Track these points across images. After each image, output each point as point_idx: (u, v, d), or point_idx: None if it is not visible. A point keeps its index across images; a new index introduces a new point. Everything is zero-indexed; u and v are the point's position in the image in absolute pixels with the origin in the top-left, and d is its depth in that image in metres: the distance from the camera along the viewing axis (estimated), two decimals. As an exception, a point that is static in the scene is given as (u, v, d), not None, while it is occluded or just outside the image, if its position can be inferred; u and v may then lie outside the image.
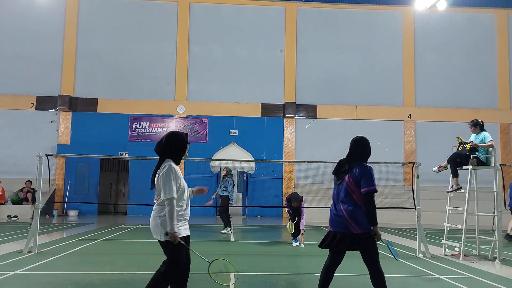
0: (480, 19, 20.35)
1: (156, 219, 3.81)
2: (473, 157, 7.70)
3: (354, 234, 4.01)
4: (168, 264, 3.88)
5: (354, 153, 4.24)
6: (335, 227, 4.13)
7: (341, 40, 19.85)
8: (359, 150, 4.25)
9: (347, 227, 4.03)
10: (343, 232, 4.05)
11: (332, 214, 4.18)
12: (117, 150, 17.86)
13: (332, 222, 4.18)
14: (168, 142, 3.90)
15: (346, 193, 4.09)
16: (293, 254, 8.33)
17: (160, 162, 3.86)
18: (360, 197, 4.05)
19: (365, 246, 4.03)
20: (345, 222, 4.04)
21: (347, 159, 4.24)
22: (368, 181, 4.03)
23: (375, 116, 19.38)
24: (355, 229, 4.01)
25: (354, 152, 4.24)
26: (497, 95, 19.95)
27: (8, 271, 5.85)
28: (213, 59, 19.47)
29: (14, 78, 18.63)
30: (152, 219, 3.85)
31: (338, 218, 4.09)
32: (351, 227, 4.02)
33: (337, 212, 4.13)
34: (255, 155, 18.70)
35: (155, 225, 3.82)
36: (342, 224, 4.05)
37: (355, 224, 4.01)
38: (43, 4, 19.09)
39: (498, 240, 7.58)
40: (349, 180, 4.10)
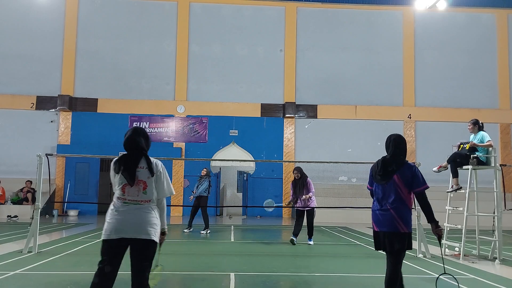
0: (480, 19, 20.34)
1: (151, 218, 3.55)
2: (473, 157, 7.70)
3: (401, 233, 4.01)
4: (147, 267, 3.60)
5: (396, 152, 4.19)
6: (382, 226, 4.10)
7: (341, 40, 19.85)
8: (401, 148, 4.22)
9: (396, 226, 4.02)
10: (390, 232, 4.04)
11: (378, 214, 4.14)
12: (117, 150, 17.72)
13: (378, 222, 4.14)
14: (147, 138, 3.75)
15: (395, 192, 4.06)
16: (293, 254, 8.33)
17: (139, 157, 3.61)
18: (407, 196, 4.07)
19: (405, 246, 4.03)
20: (393, 221, 4.03)
21: (392, 159, 4.18)
22: (421, 180, 4.08)
23: (375, 116, 19.38)
24: (403, 228, 4.01)
25: (397, 150, 4.20)
26: (497, 95, 19.95)
27: (8, 271, 5.85)
28: (213, 59, 19.47)
29: (14, 78, 18.63)
30: (142, 216, 3.52)
31: (386, 218, 4.07)
32: (399, 226, 4.01)
33: (384, 211, 4.09)
34: (255, 155, 18.70)
35: (149, 223, 3.53)
36: (391, 223, 4.04)
37: (402, 223, 4.02)
38: (43, 4, 19.09)
39: (498, 240, 7.57)
40: (398, 180, 4.07)
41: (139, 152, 3.63)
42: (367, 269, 6.79)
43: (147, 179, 3.57)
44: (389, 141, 4.25)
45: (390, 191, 4.07)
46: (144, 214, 3.53)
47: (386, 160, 4.19)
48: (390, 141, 4.24)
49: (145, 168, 3.58)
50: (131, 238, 3.48)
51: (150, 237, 3.53)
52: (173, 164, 18.52)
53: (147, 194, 3.57)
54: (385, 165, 4.16)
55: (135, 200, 3.54)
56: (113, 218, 3.55)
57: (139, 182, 3.56)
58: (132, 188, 3.54)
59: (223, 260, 7.37)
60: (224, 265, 6.87)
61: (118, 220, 3.52)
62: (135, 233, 3.49)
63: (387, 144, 4.26)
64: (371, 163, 4.54)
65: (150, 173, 3.57)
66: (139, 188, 3.54)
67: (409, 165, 4.13)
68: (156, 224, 3.58)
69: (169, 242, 10.19)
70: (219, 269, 6.46)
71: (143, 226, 3.51)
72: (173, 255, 7.99)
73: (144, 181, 3.56)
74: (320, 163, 15.52)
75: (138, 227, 3.50)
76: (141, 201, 3.55)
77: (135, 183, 3.54)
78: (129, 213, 3.52)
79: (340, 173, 18.53)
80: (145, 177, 3.57)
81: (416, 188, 4.04)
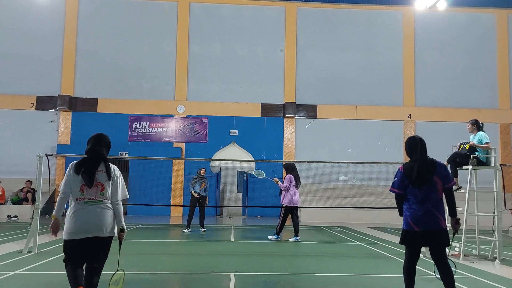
0: (480, 19, 20.34)
1: (109, 217, 4.00)
2: (473, 157, 7.70)
3: (443, 230, 4.25)
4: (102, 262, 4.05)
5: (425, 153, 4.41)
6: (424, 226, 4.24)
7: (341, 40, 19.85)
8: (426, 148, 4.45)
9: (438, 223, 4.24)
10: (433, 230, 4.23)
11: (419, 215, 4.25)
12: (117, 150, 17.85)
13: (420, 222, 4.25)
14: (109, 145, 4.23)
15: (436, 192, 4.27)
16: (293, 254, 8.33)
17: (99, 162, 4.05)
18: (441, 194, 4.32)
19: (447, 240, 4.27)
20: (436, 220, 4.23)
21: (426, 161, 4.35)
22: (450, 176, 4.40)
23: (375, 116, 19.38)
24: (444, 224, 4.28)
25: (425, 151, 4.42)
26: (497, 95, 19.95)
27: (8, 271, 5.85)
28: (213, 59, 19.47)
29: (14, 78, 18.63)
30: (103, 216, 3.95)
31: (429, 217, 4.23)
32: (441, 223, 4.25)
33: (426, 211, 4.24)
34: (255, 155, 18.70)
35: (109, 221, 3.99)
36: (434, 222, 4.23)
37: (444, 220, 4.28)
38: (43, 4, 19.09)
39: (498, 240, 7.57)
40: (437, 180, 4.28)
41: (100, 158, 4.06)
42: (367, 269, 6.79)
43: (104, 182, 4.00)
44: (415, 143, 4.41)
45: (431, 191, 4.26)
46: (104, 212, 3.97)
47: (422, 164, 4.32)
48: (417, 143, 4.41)
49: (103, 172, 4.01)
50: (94, 236, 3.91)
51: (110, 234, 4.02)
52: (173, 164, 18.52)
53: (104, 195, 3.99)
54: (423, 168, 4.30)
55: (94, 198, 3.94)
56: (76, 219, 3.91)
57: (97, 184, 3.96)
58: (91, 189, 3.93)
59: (223, 260, 7.37)
60: (224, 265, 6.87)
61: (82, 221, 3.90)
62: (99, 231, 3.93)
63: (413, 146, 4.41)
64: (371, 163, 4.65)
65: (108, 177, 4.01)
66: (97, 190, 3.95)
67: (439, 163, 4.36)
68: (113, 222, 4.06)
69: (169, 242, 10.20)
70: (219, 269, 6.46)
71: (105, 224, 3.96)
72: (173, 255, 7.99)
73: (102, 183, 3.97)
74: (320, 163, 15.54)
75: (101, 226, 3.93)
76: (100, 200, 3.96)
77: (94, 184, 3.94)
78: (91, 213, 3.92)
79: (340, 173, 18.54)
80: (103, 180, 3.99)
81: (447, 184, 4.30)
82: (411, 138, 4.48)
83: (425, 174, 4.28)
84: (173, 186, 18.48)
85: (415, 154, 4.39)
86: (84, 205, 3.92)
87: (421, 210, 4.25)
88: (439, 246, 4.27)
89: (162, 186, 18.21)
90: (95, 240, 3.93)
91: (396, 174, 4.48)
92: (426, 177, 4.27)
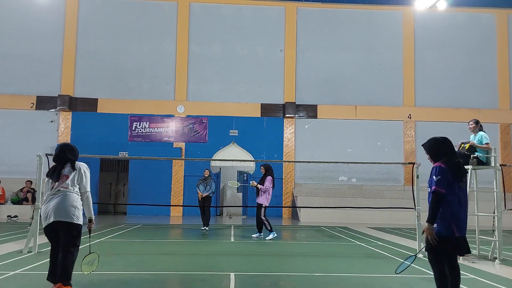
0: (480, 19, 20.35)
1: (73, 202, 4.50)
2: (473, 157, 7.70)
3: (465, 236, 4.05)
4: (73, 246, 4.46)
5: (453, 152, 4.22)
6: (464, 231, 4.00)
7: (341, 40, 19.85)
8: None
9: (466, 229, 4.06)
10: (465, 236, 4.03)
11: (463, 218, 4.01)
12: (117, 150, 17.87)
13: (462, 227, 4.00)
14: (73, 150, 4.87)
15: (466, 194, 4.13)
16: (293, 254, 8.33)
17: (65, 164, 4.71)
18: None
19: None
20: (466, 224, 4.05)
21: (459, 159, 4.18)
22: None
23: (375, 116, 19.38)
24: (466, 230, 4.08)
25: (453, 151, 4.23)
26: (497, 95, 19.95)
27: (8, 271, 5.85)
28: (213, 59, 19.47)
29: (14, 78, 18.63)
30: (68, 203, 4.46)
31: (466, 221, 4.03)
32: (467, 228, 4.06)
33: (465, 215, 4.03)
34: (255, 155, 18.70)
35: (73, 208, 4.47)
36: (466, 226, 4.05)
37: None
38: (43, 4, 19.09)
39: (498, 240, 7.57)
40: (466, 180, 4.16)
41: (66, 161, 4.72)
42: (367, 269, 6.79)
43: (69, 173, 4.64)
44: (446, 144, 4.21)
45: (465, 192, 4.11)
46: (67, 198, 4.49)
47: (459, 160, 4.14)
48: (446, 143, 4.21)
49: (69, 167, 4.69)
50: (59, 221, 4.38)
51: (73, 220, 4.43)
52: (173, 164, 18.53)
53: (67, 182, 4.57)
54: (460, 166, 4.11)
55: (59, 187, 4.53)
56: (44, 206, 4.51)
57: (63, 176, 4.60)
58: (57, 182, 4.57)
59: (223, 260, 7.37)
60: (224, 265, 6.87)
61: (47, 207, 4.45)
62: (61, 216, 4.40)
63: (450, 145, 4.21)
64: (371, 163, 4.55)
65: (72, 169, 4.66)
66: (62, 180, 4.57)
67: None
68: (78, 208, 4.52)
69: (169, 242, 10.20)
70: (219, 269, 6.46)
71: (67, 209, 4.44)
72: (173, 255, 7.99)
73: (67, 175, 4.61)
74: (320, 163, 15.56)
75: (63, 211, 4.42)
76: (64, 188, 4.53)
77: (60, 178, 4.58)
78: (55, 199, 4.48)
79: (340, 173, 18.54)
80: (68, 172, 4.65)
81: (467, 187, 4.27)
82: (445, 139, 4.26)
83: (463, 172, 4.08)
84: (173, 186, 18.48)
85: (453, 152, 4.18)
86: (50, 194, 4.52)
87: (463, 213, 3.96)
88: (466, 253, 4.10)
89: (162, 186, 18.21)
90: (61, 225, 4.38)
91: (438, 172, 4.05)
92: (462, 176, 4.06)
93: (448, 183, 3.99)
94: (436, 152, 4.22)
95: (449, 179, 3.99)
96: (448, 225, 3.94)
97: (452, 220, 3.94)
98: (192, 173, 18.01)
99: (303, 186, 18.61)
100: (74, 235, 4.47)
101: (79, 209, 4.51)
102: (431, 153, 4.27)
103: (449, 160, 4.09)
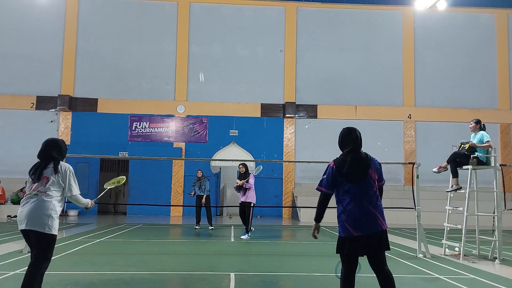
0: (480, 19, 20.35)
1: (47, 210, 3.96)
2: (473, 157, 7.70)
3: (382, 231, 3.68)
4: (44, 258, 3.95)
5: (359, 144, 3.86)
6: (362, 229, 3.64)
7: (341, 40, 19.85)
8: (360, 139, 3.89)
9: (378, 225, 3.67)
10: (371, 233, 3.65)
11: (356, 216, 3.67)
12: (117, 150, 17.87)
13: (356, 225, 3.66)
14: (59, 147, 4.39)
15: (372, 189, 3.74)
16: (293, 254, 8.33)
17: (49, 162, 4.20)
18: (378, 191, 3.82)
19: (386, 244, 3.72)
20: (376, 221, 3.67)
21: (364, 153, 3.85)
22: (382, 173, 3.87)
23: (375, 116, 19.38)
24: (384, 225, 3.72)
25: (360, 142, 3.87)
26: (497, 95, 19.96)
27: (8, 271, 5.85)
28: (213, 59, 19.47)
29: (14, 78, 18.64)
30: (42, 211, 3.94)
31: (367, 219, 3.66)
32: (381, 224, 3.69)
33: (365, 212, 3.67)
34: (255, 155, 18.70)
35: (46, 217, 3.94)
36: (372, 224, 3.66)
37: (383, 220, 3.72)
38: (43, 4, 19.09)
39: (498, 240, 7.57)
40: (373, 174, 3.77)
41: (50, 159, 4.22)
42: (367, 269, 6.78)
43: (50, 175, 4.10)
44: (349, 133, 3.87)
45: (369, 188, 3.72)
46: (42, 205, 3.96)
47: (357, 156, 3.78)
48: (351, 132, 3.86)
49: (51, 168, 4.15)
50: (29, 229, 3.92)
51: (44, 230, 3.91)
52: (173, 164, 18.53)
53: (46, 187, 4.04)
54: (360, 160, 3.77)
55: (36, 192, 4.04)
56: (19, 210, 4.04)
57: (43, 178, 4.10)
58: (36, 184, 4.08)
59: (223, 260, 7.37)
60: (224, 265, 6.87)
61: (21, 213, 3.99)
62: (33, 225, 3.92)
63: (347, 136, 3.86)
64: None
65: (55, 171, 4.11)
66: (42, 182, 4.07)
67: (374, 158, 3.90)
68: (52, 217, 3.97)
69: (169, 242, 10.20)
70: (219, 269, 6.46)
71: (40, 218, 3.92)
72: (173, 255, 7.99)
73: (47, 177, 4.10)
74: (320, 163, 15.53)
75: (36, 219, 3.92)
76: (42, 192, 4.03)
77: (40, 179, 4.08)
78: (30, 204, 3.99)
79: (340, 173, 18.52)
80: (49, 174, 4.11)
81: (381, 180, 3.85)
82: (346, 128, 3.91)
83: (361, 167, 3.73)
84: (173, 186, 18.48)
85: (348, 145, 3.82)
86: (26, 199, 4.07)
87: (358, 211, 3.67)
88: (381, 251, 3.69)
89: (162, 186, 18.21)
90: (32, 233, 3.93)
91: (326, 171, 3.86)
92: (362, 170, 3.73)
93: (334, 182, 3.79)
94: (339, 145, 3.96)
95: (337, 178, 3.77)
96: (344, 226, 3.72)
97: (347, 220, 3.70)
98: (192, 173, 17.92)
99: (303, 186, 18.60)
100: (45, 247, 3.94)
101: (53, 218, 3.98)
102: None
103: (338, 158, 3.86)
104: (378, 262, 3.71)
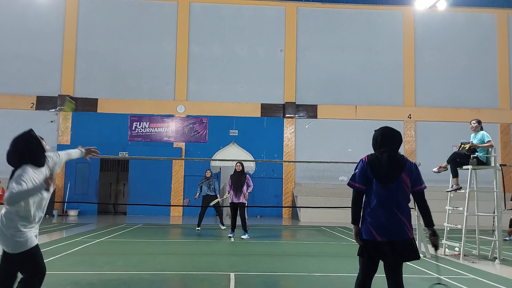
0: (480, 19, 20.34)
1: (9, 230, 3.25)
2: (473, 157, 7.70)
3: (408, 240, 3.46)
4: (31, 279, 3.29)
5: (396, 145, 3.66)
6: (388, 236, 3.43)
7: (341, 40, 19.85)
8: (399, 141, 3.68)
9: (405, 233, 3.45)
10: (396, 241, 3.43)
11: (384, 221, 3.44)
12: (117, 150, 17.86)
13: (383, 230, 3.44)
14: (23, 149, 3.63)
15: (404, 194, 3.50)
16: (293, 254, 8.33)
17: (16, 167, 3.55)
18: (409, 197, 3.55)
19: (413, 252, 3.48)
20: (403, 228, 3.45)
21: (400, 154, 3.62)
22: (422, 178, 3.59)
23: (375, 116, 19.36)
24: (411, 233, 3.50)
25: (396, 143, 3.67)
26: (497, 95, 19.95)
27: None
28: (213, 59, 19.47)
29: (14, 78, 18.63)
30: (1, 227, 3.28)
31: (395, 225, 3.44)
32: (409, 232, 3.47)
33: (393, 217, 3.44)
34: (255, 155, 18.69)
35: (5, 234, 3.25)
36: (400, 230, 3.45)
37: (411, 228, 3.50)
38: (42, 4, 19.09)
39: (498, 240, 7.57)
40: (406, 178, 3.52)
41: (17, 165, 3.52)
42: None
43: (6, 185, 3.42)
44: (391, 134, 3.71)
45: (400, 192, 3.49)
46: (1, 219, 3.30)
47: (393, 155, 3.59)
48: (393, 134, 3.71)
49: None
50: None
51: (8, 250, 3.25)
52: (173, 164, 18.53)
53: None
54: (392, 161, 3.56)
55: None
56: None
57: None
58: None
59: (223, 260, 7.37)
60: (224, 265, 6.86)
61: None
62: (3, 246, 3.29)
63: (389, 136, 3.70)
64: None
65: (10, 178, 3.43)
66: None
67: (411, 161, 3.69)
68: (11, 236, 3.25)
69: (169, 242, 10.20)
70: (219, 269, 6.46)
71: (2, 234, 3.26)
72: (173, 255, 7.99)
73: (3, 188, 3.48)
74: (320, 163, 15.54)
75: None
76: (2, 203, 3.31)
77: None
78: None
79: (340, 173, 18.51)
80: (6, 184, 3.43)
81: (418, 185, 3.57)
82: (389, 128, 3.73)
83: (394, 168, 3.51)
84: (173, 186, 18.48)
85: (386, 145, 3.63)
86: None
87: (385, 215, 3.45)
88: (401, 261, 3.49)
89: (162, 186, 18.22)
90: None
91: (357, 166, 3.65)
92: (394, 171, 3.50)
93: (366, 179, 3.56)
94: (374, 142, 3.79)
95: (368, 174, 3.55)
96: (368, 229, 3.51)
97: (372, 223, 3.49)
98: (192, 173, 18.02)
99: (303, 186, 18.60)
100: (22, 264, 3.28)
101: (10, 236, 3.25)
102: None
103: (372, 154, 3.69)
104: (395, 275, 3.53)
